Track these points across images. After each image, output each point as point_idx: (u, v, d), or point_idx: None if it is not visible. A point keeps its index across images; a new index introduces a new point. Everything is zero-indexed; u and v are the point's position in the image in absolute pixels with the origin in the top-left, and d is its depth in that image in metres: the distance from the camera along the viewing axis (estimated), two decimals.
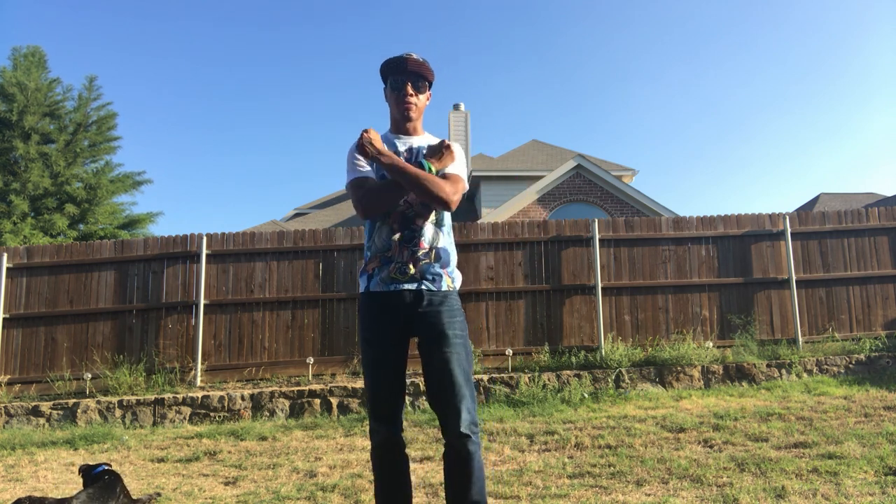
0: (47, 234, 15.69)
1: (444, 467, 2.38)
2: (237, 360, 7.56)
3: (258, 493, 3.81)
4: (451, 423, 2.27)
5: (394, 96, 2.46)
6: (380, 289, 2.39)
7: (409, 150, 2.45)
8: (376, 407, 2.39)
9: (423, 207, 2.40)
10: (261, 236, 7.87)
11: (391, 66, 2.44)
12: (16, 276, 7.69)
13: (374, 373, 2.39)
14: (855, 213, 8.28)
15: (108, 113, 18.23)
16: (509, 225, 8.11)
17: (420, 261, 2.38)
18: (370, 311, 2.41)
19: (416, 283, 2.37)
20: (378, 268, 2.41)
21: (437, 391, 2.32)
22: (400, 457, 2.41)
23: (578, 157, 14.49)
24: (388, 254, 2.39)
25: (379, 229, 2.42)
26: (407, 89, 2.43)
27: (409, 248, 2.38)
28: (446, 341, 2.33)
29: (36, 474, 4.66)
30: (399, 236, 2.38)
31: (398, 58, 2.43)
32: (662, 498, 3.28)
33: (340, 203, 21.24)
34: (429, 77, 2.47)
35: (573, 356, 7.40)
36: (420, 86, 2.46)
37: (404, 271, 2.36)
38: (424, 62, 2.45)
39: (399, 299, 2.36)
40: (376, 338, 2.39)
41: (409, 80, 2.43)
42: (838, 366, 7.17)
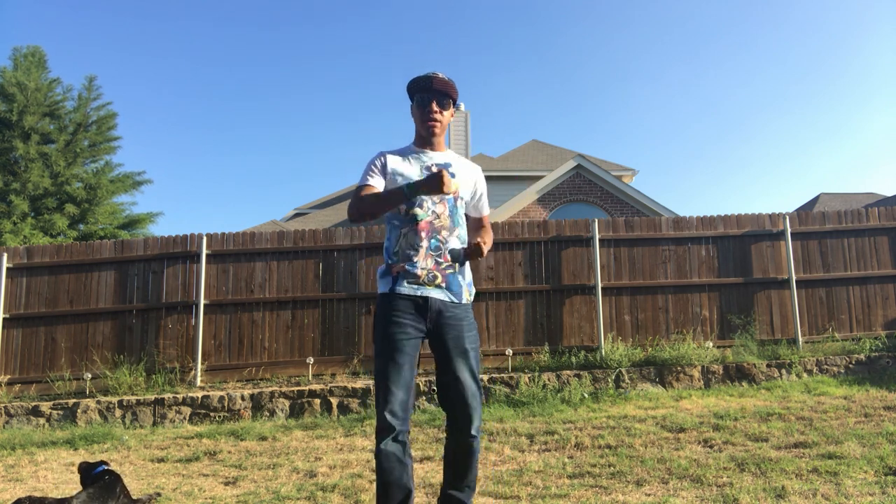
0: (47, 234, 15.69)
1: (447, 456, 2.56)
2: (237, 360, 7.56)
3: (258, 493, 3.81)
4: (465, 427, 2.49)
5: (419, 113, 2.61)
6: (407, 292, 2.50)
7: (437, 166, 2.61)
8: (390, 404, 2.41)
9: (449, 221, 2.57)
10: (261, 236, 7.87)
11: (418, 84, 2.59)
12: (16, 276, 7.69)
13: (392, 370, 2.43)
14: (855, 213, 8.28)
15: (108, 113, 18.26)
16: (509, 225, 8.11)
17: (445, 272, 2.54)
18: (394, 310, 2.49)
19: (443, 292, 2.53)
20: (403, 272, 2.52)
21: (454, 398, 2.50)
22: (405, 456, 2.42)
23: (578, 157, 14.49)
24: (414, 259, 2.51)
25: (406, 235, 2.54)
26: (432, 107, 2.58)
27: (435, 257, 2.54)
28: (467, 355, 2.52)
29: (36, 474, 4.66)
30: (427, 245, 2.52)
31: (425, 76, 2.58)
32: (662, 498, 3.28)
33: (340, 203, 21.24)
34: (453, 95, 2.62)
35: (573, 356, 7.40)
36: (445, 103, 2.60)
37: (432, 279, 2.52)
38: (450, 81, 2.60)
39: (425, 304, 2.50)
40: (399, 337, 2.46)
41: (435, 98, 2.58)
42: (838, 366, 7.17)
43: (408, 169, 2.58)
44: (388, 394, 2.41)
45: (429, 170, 2.58)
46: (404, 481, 2.40)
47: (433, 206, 2.55)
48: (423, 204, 2.53)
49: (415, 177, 2.55)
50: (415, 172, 2.57)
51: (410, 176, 2.56)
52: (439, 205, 2.55)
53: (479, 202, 2.77)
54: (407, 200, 2.44)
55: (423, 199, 2.53)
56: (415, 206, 2.52)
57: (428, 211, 2.53)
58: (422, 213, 2.53)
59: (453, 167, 2.64)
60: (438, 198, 2.55)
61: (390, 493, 2.38)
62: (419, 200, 2.52)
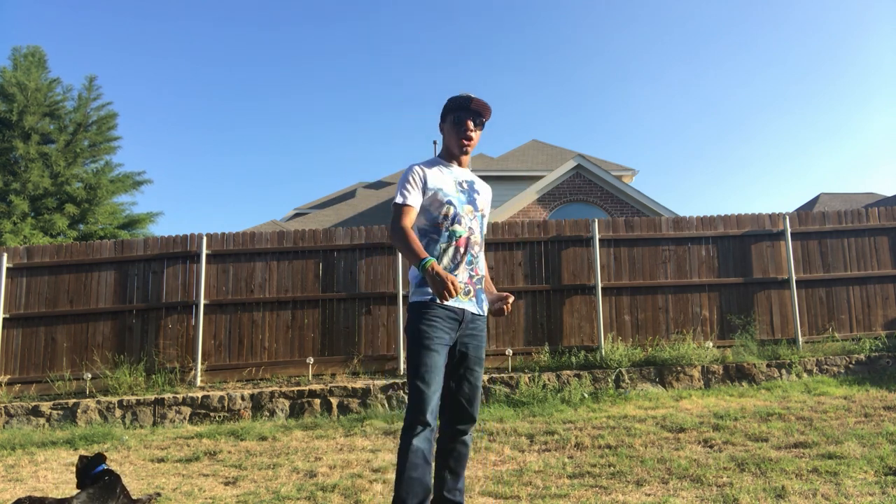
0: (47, 234, 15.68)
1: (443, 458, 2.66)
2: (237, 360, 7.56)
3: (258, 493, 3.81)
4: (465, 428, 2.67)
5: (455, 130, 2.71)
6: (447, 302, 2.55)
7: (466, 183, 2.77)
8: (431, 403, 2.48)
9: (479, 236, 2.74)
10: (261, 236, 7.87)
11: (456, 103, 2.69)
12: (16, 276, 7.69)
13: (434, 374, 2.51)
14: (855, 213, 8.28)
15: (108, 113, 18.24)
16: (509, 225, 8.11)
17: (476, 285, 2.70)
18: (435, 317, 2.58)
19: (473, 305, 2.68)
20: None
21: (463, 404, 2.65)
22: (431, 455, 2.49)
23: (578, 157, 14.49)
24: (454, 272, 2.63)
25: (446, 250, 2.65)
26: (468, 125, 2.69)
27: (469, 271, 2.68)
28: (480, 364, 2.72)
29: (36, 474, 4.66)
30: (465, 259, 2.66)
31: (465, 96, 2.69)
32: (662, 498, 3.28)
33: (340, 203, 21.25)
34: (487, 117, 2.75)
35: (573, 356, 7.40)
36: (479, 123, 2.73)
37: (466, 291, 2.65)
38: (486, 104, 2.71)
39: (461, 315, 2.63)
40: (438, 343, 2.55)
41: (472, 118, 2.69)
42: (838, 366, 7.17)
43: (443, 182, 2.69)
44: (427, 391, 2.48)
45: (461, 185, 2.73)
46: (426, 480, 2.42)
47: (470, 221, 2.69)
48: (461, 220, 2.66)
49: (451, 190, 2.68)
50: (451, 186, 2.69)
51: (447, 189, 2.67)
52: (473, 221, 2.71)
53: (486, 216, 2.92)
54: (417, 268, 2.48)
55: (461, 216, 2.66)
56: (454, 223, 2.64)
57: (465, 227, 2.67)
58: (461, 229, 2.66)
59: (476, 185, 2.81)
60: (471, 213, 2.70)
61: (414, 488, 2.39)
62: (458, 217, 2.65)
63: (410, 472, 2.38)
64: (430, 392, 2.47)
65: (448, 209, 2.65)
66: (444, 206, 2.65)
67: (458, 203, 2.68)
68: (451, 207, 2.65)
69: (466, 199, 2.72)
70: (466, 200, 2.72)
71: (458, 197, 2.69)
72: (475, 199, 2.76)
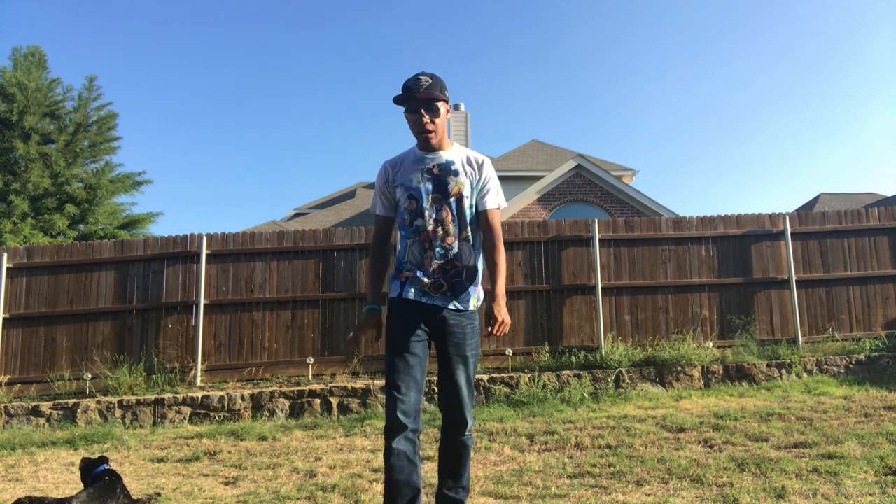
0: (47, 234, 15.68)
1: (442, 456, 2.64)
2: (237, 360, 7.56)
3: (258, 493, 3.81)
4: (457, 429, 2.57)
5: (411, 126, 2.56)
6: (414, 298, 2.53)
7: (438, 167, 2.57)
8: (404, 404, 2.42)
9: (453, 226, 2.54)
10: (261, 236, 7.87)
11: (403, 97, 2.52)
12: (16, 276, 7.69)
13: (402, 371, 2.46)
14: (855, 213, 8.28)
15: (108, 113, 18.26)
16: (509, 225, 8.11)
17: (452, 279, 2.53)
18: (401, 313, 2.54)
19: (448, 301, 2.53)
20: (411, 279, 2.54)
21: (450, 402, 2.56)
22: (415, 455, 2.42)
23: (578, 157, 14.49)
24: (421, 268, 2.54)
25: (411, 246, 2.55)
26: (422, 119, 2.51)
27: (442, 265, 2.52)
28: (466, 362, 2.55)
29: (36, 474, 4.66)
30: (431, 254, 2.52)
31: (407, 88, 2.50)
32: (662, 498, 3.28)
33: (340, 203, 21.25)
34: (441, 98, 2.52)
35: (573, 356, 7.40)
36: (433, 108, 2.51)
37: (438, 286, 2.52)
38: (432, 86, 2.49)
39: (431, 311, 2.52)
40: (405, 337, 2.49)
41: (423, 108, 2.50)
42: (838, 366, 7.17)
43: (410, 173, 2.56)
44: (399, 393, 2.42)
45: (430, 172, 2.55)
46: (413, 480, 2.38)
47: (435, 213, 2.52)
48: (424, 213, 2.51)
49: (416, 182, 2.54)
50: (417, 175, 2.55)
51: (411, 182, 2.54)
52: (441, 211, 2.53)
53: (483, 194, 2.60)
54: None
55: (423, 208, 2.52)
56: (417, 217, 2.52)
57: (429, 220, 2.51)
58: (423, 222, 2.52)
59: (456, 164, 2.57)
60: (439, 203, 2.53)
61: (399, 491, 2.36)
62: (420, 209, 2.52)
63: (396, 475, 2.37)
64: (397, 394, 2.42)
65: (411, 203, 2.54)
66: (408, 200, 2.55)
67: (422, 193, 2.53)
68: (414, 201, 2.54)
69: (434, 187, 2.53)
70: (434, 188, 2.53)
71: (424, 186, 2.53)
72: (448, 182, 2.53)
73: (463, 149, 2.66)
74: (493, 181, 2.64)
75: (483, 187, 2.60)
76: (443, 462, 2.65)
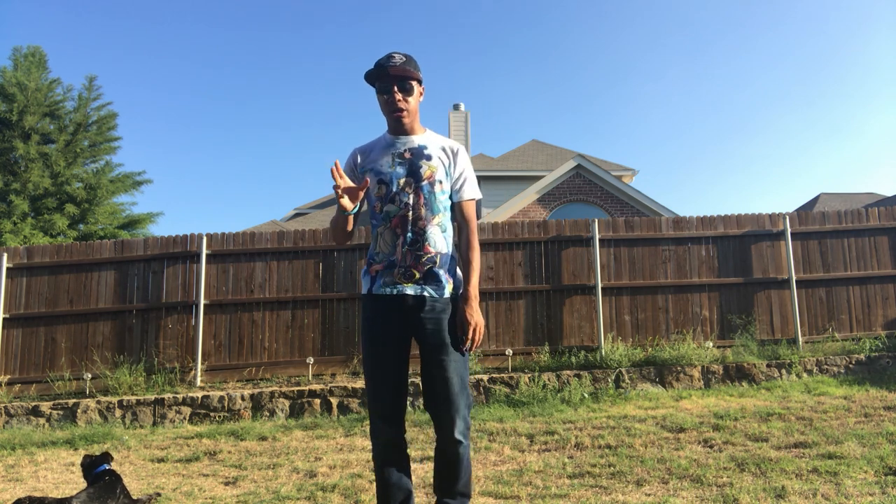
0: (47, 234, 15.69)
1: (436, 462, 2.46)
2: (237, 360, 7.56)
3: (258, 493, 3.81)
4: (446, 429, 2.35)
5: (383, 105, 2.44)
6: (383, 291, 2.41)
7: (410, 151, 2.45)
8: (379, 407, 2.38)
9: (425, 209, 2.40)
10: (261, 236, 7.87)
11: (375, 75, 2.39)
12: (16, 276, 7.69)
13: (376, 372, 2.39)
14: (855, 213, 8.28)
15: (108, 113, 18.26)
16: (509, 225, 8.11)
17: (425, 266, 2.38)
18: (373, 312, 2.43)
19: (421, 288, 2.38)
20: (381, 270, 2.42)
21: (434, 399, 2.38)
22: (402, 458, 2.40)
23: (578, 157, 14.49)
24: (392, 257, 2.40)
25: (382, 234, 2.43)
26: (395, 95, 2.39)
27: (414, 252, 2.38)
28: (445, 350, 2.36)
29: (36, 474, 4.66)
30: (403, 240, 2.38)
31: (380, 64, 2.38)
32: (662, 498, 3.28)
33: None
34: (415, 76, 2.41)
35: (573, 356, 7.40)
36: (407, 87, 2.40)
37: (409, 276, 2.37)
38: (406, 63, 2.39)
39: (402, 303, 2.38)
40: (379, 338, 2.40)
41: (395, 84, 2.38)
42: (838, 366, 7.17)
43: (379, 159, 2.45)
44: (376, 398, 2.37)
45: (401, 156, 2.43)
46: (403, 482, 2.38)
47: (405, 197, 2.38)
48: (394, 198, 2.39)
49: (386, 167, 2.42)
50: (388, 160, 2.43)
51: (381, 167, 2.43)
52: (412, 194, 2.39)
53: (460, 185, 2.49)
54: (343, 214, 2.37)
55: (394, 193, 2.39)
56: (387, 203, 2.40)
57: (401, 204, 2.38)
58: (394, 208, 2.39)
59: (429, 149, 2.46)
60: (410, 187, 2.39)
61: (391, 494, 2.36)
62: (391, 194, 2.40)
63: (387, 479, 2.36)
64: (379, 389, 2.37)
65: (381, 188, 2.42)
66: (377, 186, 2.43)
67: (393, 178, 2.41)
68: (384, 186, 2.41)
69: (406, 171, 2.41)
70: (405, 172, 2.41)
71: (394, 171, 2.42)
72: (420, 166, 2.41)
73: (437, 135, 2.56)
74: (469, 171, 2.53)
75: (459, 176, 2.49)
76: (437, 465, 2.47)
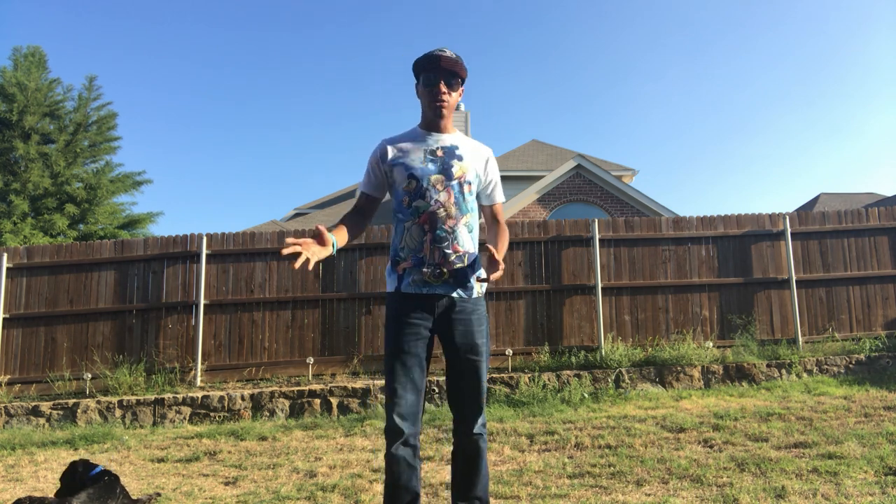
0: (47, 234, 15.69)
1: (454, 463, 2.49)
2: (237, 360, 7.56)
3: (258, 493, 3.81)
4: (469, 424, 2.42)
5: (426, 93, 2.44)
6: (412, 290, 2.39)
7: (443, 150, 2.47)
8: (400, 406, 2.34)
9: (455, 209, 2.42)
10: (261, 236, 7.87)
11: (425, 63, 2.42)
12: (16, 276, 7.69)
13: (401, 371, 2.35)
14: (855, 213, 8.28)
15: (108, 113, 18.27)
16: (509, 225, 8.11)
17: (454, 265, 2.40)
18: (401, 311, 2.40)
19: (450, 289, 2.40)
20: (410, 268, 2.41)
21: (461, 397, 2.43)
22: (415, 459, 2.37)
23: (578, 157, 14.49)
24: (419, 254, 2.39)
25: (409, 229, 2.41)
26: (440, 87, 2.41)
27: (442, 250, 2.39)
28: (476, 350, 2.42)
29: (36, 474, 4.66)
30: (431, 237, 2.38)
31: (432, 55, 2.41)
32: (662, 498, 3.27)
33: (340, 203, 21.24)
34: (462, 74, 2.45)
35: (573, 356, 7.40)
36: (453, 83, 2.44)
37: (438, 275, 2.38)
38: (458, 59, 2.43)
39: (432, 302, 2.39)
40: (407, 337, 2.37)
41: (443, 78, 2.41)
42: (838, 366, 7.17)
43: (410, 154, 2.45)
44: (396, 396, 2.34)
45: (433, 153, 2.45)
46: (412, 484, 2.35)
47: (436, 194, 2.39)
48: (425, 194, 2.39)
49: (418, 163, 2.42)
50: (419, 156, 2.44)
51: (413, 162, 2.42)
52: (443, 192, 2.40)
53: (491, 189, 2.59)
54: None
55: (425, 189, 2.39)
56: (417, 198, 2.39)
57: (431, 200, 2.38)
58: (424, 203, 2.39)
59: (460, 149, 2.50)
60: (441, 185, 2.41)
61: (398, 496, 2.34)
62: (422, 190, 2.40)
63: (395, 479, 2.32)
64: (399, 389, 2.32)
65: (411, 183, 2.40)
66: (406, 181, 2.41)
67: (423, 174, 2.40)
68: (414, 181, 2.40)
69: (437, 169, 2.42)
70: (437, 170, 2.42)
71: (425, 167, 2.41)
72: (451, 165, 2.43)
73: (466, 137, 2.60)
74: (497, 175, 2.63)
75: (491, 182, 2.58)
76: (455, 471, 2.47)
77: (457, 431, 2.45)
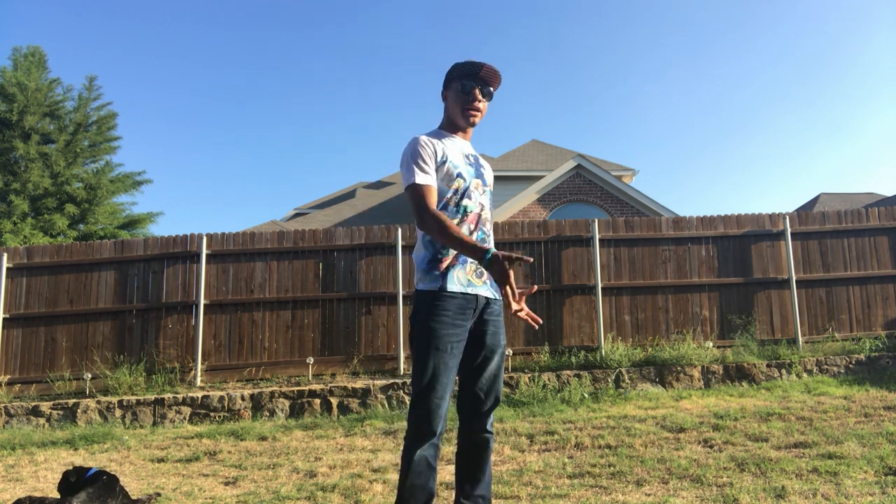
0: (47, 234, 15.69)
1: (459, 461, 2.49)
2: (237, 360, 7.56)
3: (258, 493, 3.80)
4: (483, 422, 2.45)
5: (461, 99, 2.46)
6: (458, 289, 2.35)
7: (473, 157, 2.53)
8: (441, 409, 2.31)
9: (489, 213, 2.50)
10: (261, 236, 7.87)
11: (465, 69, 2.45)
12: (16, 276, 7.69)
13: (445, 376, 2.30)
14: (855, 213, 8.28)
15: (108, 113, 18.27)
16: (509, 225, 8.11)
17: None
18: (446, 310, 2.33)
19: (488, 289, 2.44)
20: (453, 266, 2.37)
21: (482, 393, 2.43)
22: (435, 461, 2.35)
23: (578, 157, 14.48)
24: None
25: None
26: (476, 94, 2.45)
27: None
28: (501, 350, 2.47)
29: (36, 474, 4.66)
30: (474, 237, 2.40)
31: (474, 63, 2.44)
32: (662, 498, 3.27)
33: (340, 203, 21.24)
34: (496, 88, 2.51)
35: (573, 356, 7.40)
36: (487, 93, 2.48)
37: (480, 274, 2.41)
38: (498, 73, 2.47)
39: (474, 302, 2.39)
40: (451, 339, 2.32)
41: (479, 87, 2.45)
42: (838, 366, 7.17)
43: (453, 153, 2.45)
44: (437, 399, 2.28)
45: (468, 158, 2.48)
46: (430, 485, 2.33)
47: (479, 196, 2.46)
48: (471, 195, 2.42)
49: (462, 164, 2.43)
50: (460, 157, 2.45)
51: (459, 162, 2.43)
52: (483, 196, 2.48)
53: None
54: (478, 260, 2.19)
55: (470, 190, 2.42)
56: (464, 198, 2.41)
57: (476, 202, 2.43)
58: (472, 204, 2.42)
59: (481, 160, 2.59)
60: (480, 188, 2.47)
61: (416, 496, 2.31)
62: (468, 191, 2.42)
63: (414, 479, 2.28)
64: (437, 399, 2.28)
65: (458, 182, 2.40)
66: (454, 180, 2.40)
67: (468, 176, 2.44)
68: (461, 180, 2.41)
69: (475, 173, 2.48)
70: (475, 174, 2.48)
71: (468, 170, 2.45)
72: (482, 173, 2.53)
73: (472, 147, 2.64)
74: None
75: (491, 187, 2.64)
76: (461, 464, 2.48)
77: (468, 429, 2.45)
